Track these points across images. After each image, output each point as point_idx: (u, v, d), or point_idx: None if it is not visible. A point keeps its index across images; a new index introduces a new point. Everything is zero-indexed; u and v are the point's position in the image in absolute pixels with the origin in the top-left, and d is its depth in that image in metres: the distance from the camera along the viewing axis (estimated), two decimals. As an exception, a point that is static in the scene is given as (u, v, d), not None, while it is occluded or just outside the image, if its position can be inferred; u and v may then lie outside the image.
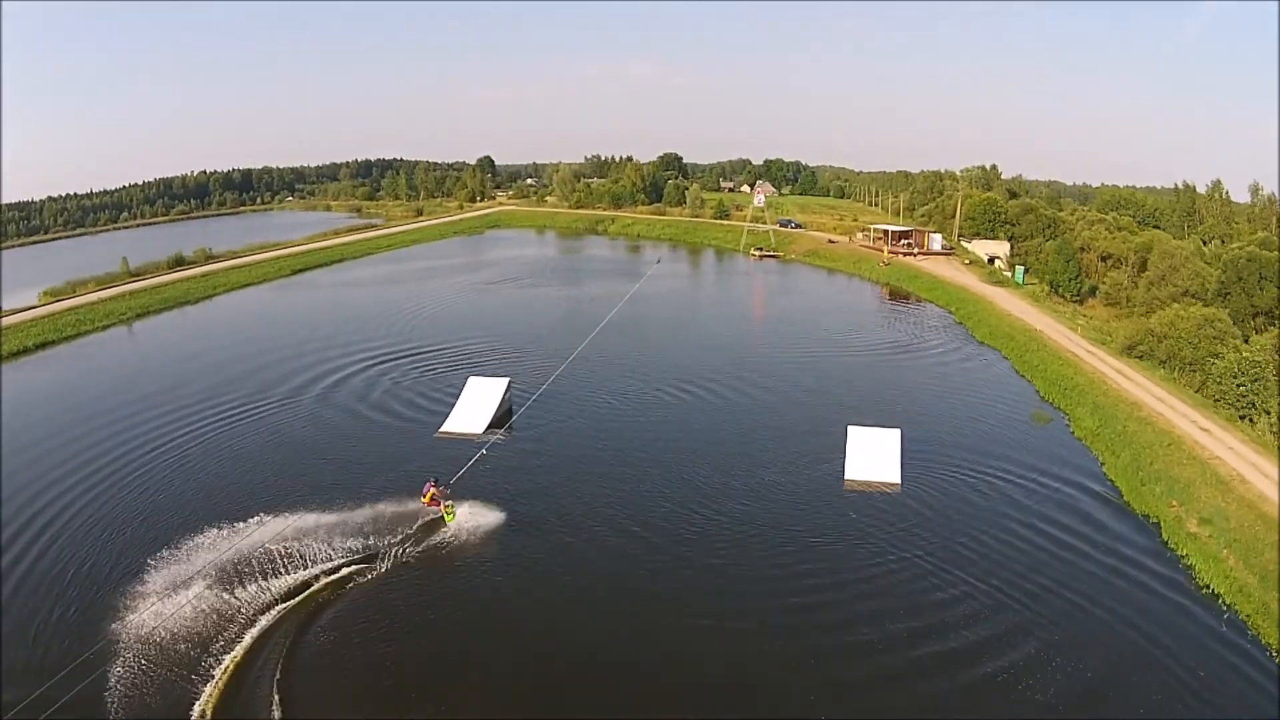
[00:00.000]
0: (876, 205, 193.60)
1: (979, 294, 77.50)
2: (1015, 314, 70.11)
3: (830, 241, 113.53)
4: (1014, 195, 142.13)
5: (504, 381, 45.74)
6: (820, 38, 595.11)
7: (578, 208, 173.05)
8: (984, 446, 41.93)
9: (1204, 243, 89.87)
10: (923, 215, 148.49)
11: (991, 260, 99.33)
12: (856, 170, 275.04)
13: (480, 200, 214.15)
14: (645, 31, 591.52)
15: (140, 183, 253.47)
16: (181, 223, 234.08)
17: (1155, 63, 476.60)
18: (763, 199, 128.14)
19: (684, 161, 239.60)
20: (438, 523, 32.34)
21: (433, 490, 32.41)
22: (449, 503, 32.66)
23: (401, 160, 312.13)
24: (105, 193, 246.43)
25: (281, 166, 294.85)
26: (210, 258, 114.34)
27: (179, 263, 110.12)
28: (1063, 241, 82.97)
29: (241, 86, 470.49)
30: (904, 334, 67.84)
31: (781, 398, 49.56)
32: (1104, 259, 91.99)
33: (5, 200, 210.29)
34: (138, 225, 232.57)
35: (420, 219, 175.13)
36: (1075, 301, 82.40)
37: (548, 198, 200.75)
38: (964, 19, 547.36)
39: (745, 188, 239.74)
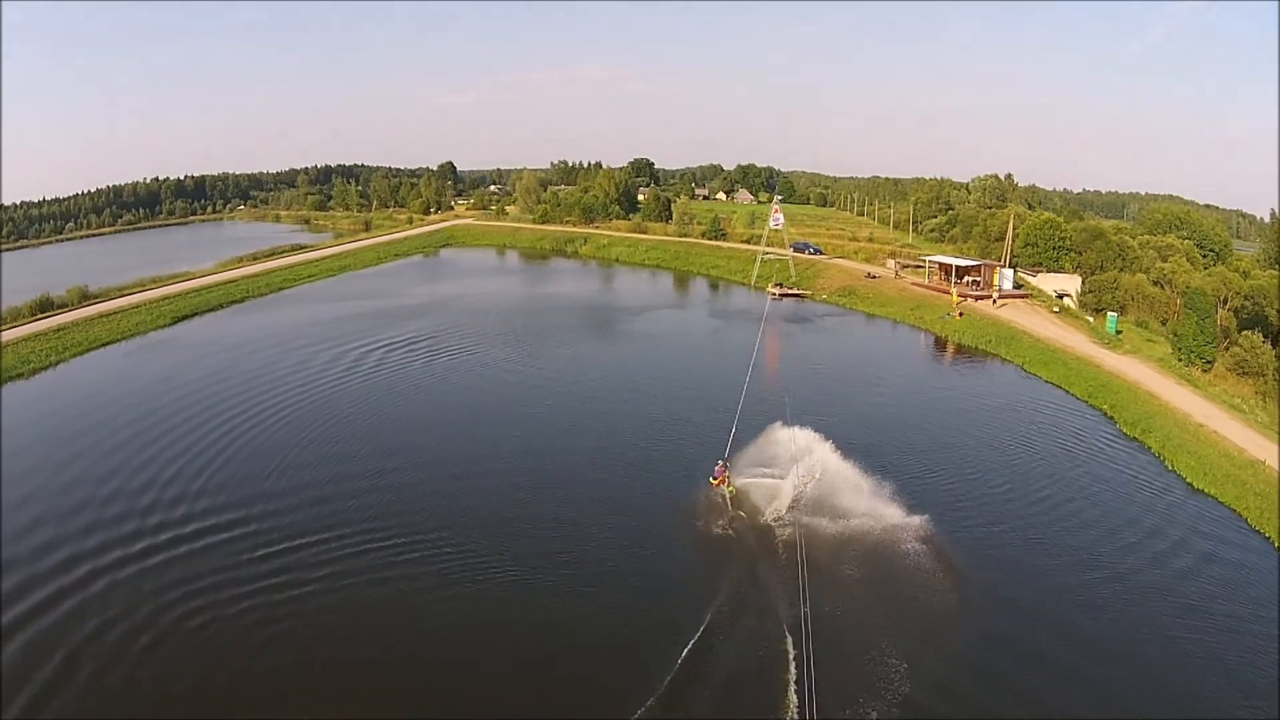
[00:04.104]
0: (866, 216, 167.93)
1: (1116, 374, 50.55)
2: (1184, 409, 44.17)
3: (869, 276, 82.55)
4: (1030, 208, 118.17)
5: None
6: (784, 40, 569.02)
7: (543, 221, 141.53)
8: None
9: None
10: (933, 231, 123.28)
11: (1061, 297, 73.85)
12: (833, 176, 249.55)
13: (436, 211, 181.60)
14: (622, 34, 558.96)
15: (91, 190, 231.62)
16: (125, 234, 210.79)
17: (1127, 64, 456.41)
18: (781, 220, 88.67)
19: (655, 167, 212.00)
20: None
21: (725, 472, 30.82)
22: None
23: (362, 166, 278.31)
24: (55, 201, 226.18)
25: (238, 172, 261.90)
26: (86, 298, 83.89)
27: (44, 307, 79.48)
28: (1196, 293, 56.98)
29: (203, 89, 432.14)
30: (1080, 474, 36.20)
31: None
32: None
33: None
34: (82, 236, 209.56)
35: (365, 235, 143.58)
36: (1205, 367, 57.20)
37: (509, 208, 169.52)
38: (949, 19, 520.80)
39: (721, 195, 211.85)
